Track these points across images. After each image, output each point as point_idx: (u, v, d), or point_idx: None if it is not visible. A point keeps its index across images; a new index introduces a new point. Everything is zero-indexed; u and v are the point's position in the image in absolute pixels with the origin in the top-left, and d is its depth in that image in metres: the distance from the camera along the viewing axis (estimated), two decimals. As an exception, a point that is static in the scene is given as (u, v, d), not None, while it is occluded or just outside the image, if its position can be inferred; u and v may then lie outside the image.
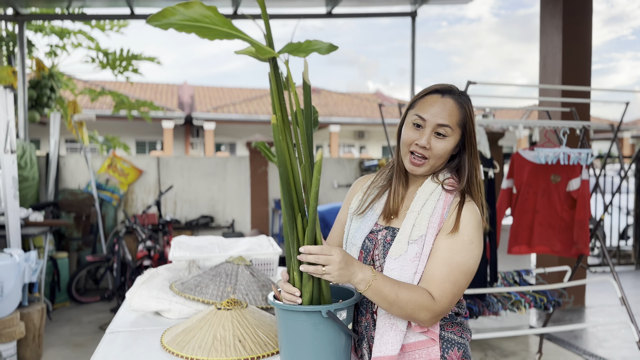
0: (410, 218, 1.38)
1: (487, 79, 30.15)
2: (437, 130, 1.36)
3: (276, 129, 1.12)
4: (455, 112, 1.38)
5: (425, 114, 1.37)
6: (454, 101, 1.38)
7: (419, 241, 1.35)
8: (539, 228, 3.36)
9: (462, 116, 1.39)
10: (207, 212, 6.61)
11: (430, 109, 1.37)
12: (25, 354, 3.79)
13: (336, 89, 21.36)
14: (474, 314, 3.06)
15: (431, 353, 1.37)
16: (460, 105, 1.39)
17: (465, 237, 1.33)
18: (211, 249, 2.58)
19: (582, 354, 4.13)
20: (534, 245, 3.35)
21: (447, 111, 1.37)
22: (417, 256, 1.34)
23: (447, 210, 1.37)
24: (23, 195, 5.58)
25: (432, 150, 1.37)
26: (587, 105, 5.09)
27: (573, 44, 5.22)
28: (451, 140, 1.38)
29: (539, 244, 3.40)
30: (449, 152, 1.39)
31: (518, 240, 3.41)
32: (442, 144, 1.37)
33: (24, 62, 6.14)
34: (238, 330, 1.68)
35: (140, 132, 18.33)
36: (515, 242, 3.40)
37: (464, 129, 1.40)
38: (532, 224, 3.38)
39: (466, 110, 1.39)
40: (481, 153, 2.96)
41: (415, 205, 1.40)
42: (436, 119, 1.36)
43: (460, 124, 1.39)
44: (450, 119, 1.36)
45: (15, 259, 3.56)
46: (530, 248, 3.35)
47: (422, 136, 1.37)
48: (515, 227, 3.39)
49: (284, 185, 1.19)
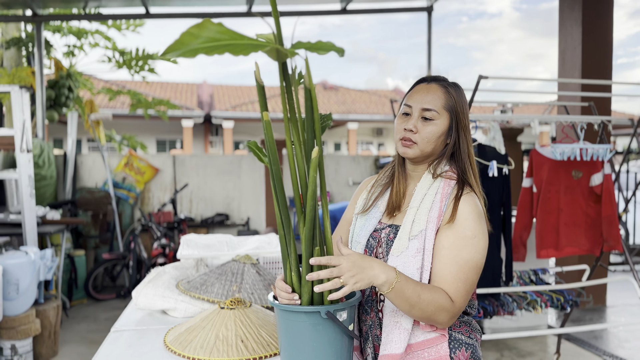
0: (410, 214, 1.38)
1: (508, 75, 29.46)
2: (423, 114, 1.39)
3: (268, 127, 1.08)
4: (440, 96, 1.40)
5: (411, 101, 1.42)
6: (439, 86, 1.42)
7: (419, 236, 1.35)
8: (564, 229, 3.23)
9: (448, 100, 1.40)
10: (222, 210, 6.62)
11: (416, 96, 1.42)
12: (41, 350, 3.84)
13: (355, 86, 21.26)
14: (489, 313, 2.99)
15: (440, 350, 1.35)
16: (445, 90, 1.41)
17: (467, 231, 1.32)
18: (220, 247, 2.57)
19: (602, 354, 4.03)
20: (562, 248, 3.22)
21: (431, 95, 1.40)
22: (419, 251, 1.33)
23: (446, 203, 1.37)
24: (41, 193, 5.66)
25: (419, 133, 1.39)
26: (608, 99, 4.96)
27: (593, 37, 5.09)
28: (439, 123, 1.39)
29: (566, 245, 3.26)
30: (438, 136, 1.40)
31: (544, 243, 3.26)
32: (429, 128, 1.39)
33: (41, 63, 6.22)
34: (241, 330, 1.66)
35: (160, 131, 18.52)
36: (542, 246, 3.25)
37: (452, 114, 1.40)
38: (558, 224, 3.25)
39: (453, 96, 1.40)
40: (495, 149, 2.89)
41: (414, 201, 1.40)
42: (421, 104, 1.39)
43: (446, 108, 1.40)
44: (434, 102, 1.39)
45: (30, 257, 3.60)
46: (558, 251, 3.22)
47: (410, 121, 1.40)
48: (540, 230, 3.26)
49: (278, 184, 1.16)
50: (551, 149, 3.11)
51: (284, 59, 1.02)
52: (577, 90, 5.03)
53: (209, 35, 0.92)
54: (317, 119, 1.10)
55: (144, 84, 17.36)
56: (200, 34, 0.92)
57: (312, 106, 1.08)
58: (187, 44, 0.92)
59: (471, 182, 1.40)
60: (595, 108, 3.52)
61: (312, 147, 1.13)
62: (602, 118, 3.15)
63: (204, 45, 0.92)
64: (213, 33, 0.93)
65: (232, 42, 0.92)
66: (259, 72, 1.02)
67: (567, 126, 3.58)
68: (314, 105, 1.09)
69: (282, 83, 1.07)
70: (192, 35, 0.92)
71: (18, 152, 3.97)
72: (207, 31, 0.92)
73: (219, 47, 0.92)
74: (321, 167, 1.16)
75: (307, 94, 1.08)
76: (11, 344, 3.51)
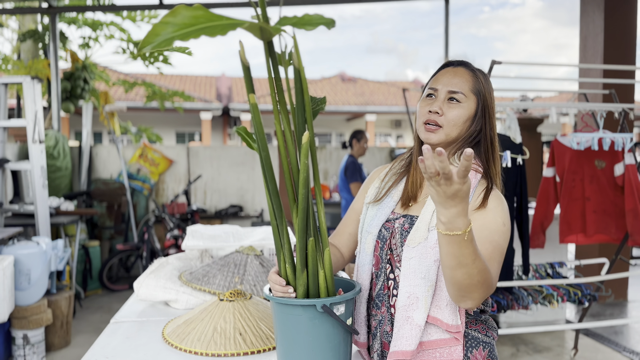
0: (431, 204, 1.29)
1: (530, 66, 28.71)
2: (449, 96, 1.32)
3: (255, 110, 1.02)
4: (468, 79, 1.33)
5: (437, 83, 1.35)
6: (466, 69, 1.35)
7: None
8: (593, 216, 3.19)
9: (476, 84, 1.33)
10: (236, 202, 6.61)
11: (442, 79, 1.35)
12: (53, 340, 3.86)
13: (374, 78, 21.11)
14: (502, 307, 2.91)
15: (453, 353, 1.27)
16: (473, 74, 1.34)
17: (498, 218, 1.25)
18: (226, 238, 2.52)
19: (621, 350, 3.91)
20: (591, 235, 3.19)
21: (459, 78, 1.33)
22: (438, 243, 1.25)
23: (472, 195, 1.28)
24: (56, 185, 5.70)
25: (445, 115, 1.31)
26: (631, 87, 4.79)
27: (616, 23, 4.92)
28: (465, 107, 1.32)
29: (596, 232, 3.24)
30: (464, 120, 1.32)
31: (572, 229, 3.24)
32: (455, 111, 1.31)
33: (56, 54, 6.25)
34: (239, 322, 1.61)
35: (179, 124, 18.61)
36: (569, 231, 3.23)
37: (479, 98, 1.33)
38: (584, 211, 3.22)
39: (480, 80, 1.34)
40: (510, 138, 2.79)
41: None
42: (448, 86, 1.32)
43: (474, 92, 1.33)
44: (462, 85, 1.32)
45: (42, 247, 3.61)
46: (588, 237, 3.20)
47: (435, 103, 1.33)
48: (565, 216, 3.23)
49: (268, 171, 1.10)
50: (570, 138, 3.00)
51: (269, 37, 0.96)
52: (598, 77, 4.87)
53: (183, 21, 0.87)
54: (308, 101, 1.04)
55: (163, 76, 17.44)
56: (174, 22, 0.87)
57: (302, 88, 1.02)
58: (161, 33, 0.86)
59: (493, 172, 1.33)
60: (617, 96, 3.39)
61: (303, 132, 1.07)
62: (623, 106, 3.03)
63: (178, 32, 0.86)
64: (187, 18, 0.87)
65: (208, 25, 0.87)
66: (244, 51, 0.96)
67: (587, 115, 3.45)
68: (304, 87, 1.02)
69: (269, 64, 1.01)
70: (166, 24, 0.86)
71: (30, 142, 3.98)
72: (181, 17, 0.87)
73: (195, 32, 0.86)
74: (313, 152, 1.10)
75: (297, 75, 1.01)
76: (23, 333, 3.53)
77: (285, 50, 1.04)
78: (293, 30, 0.95)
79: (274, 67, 1.00)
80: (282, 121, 1.08)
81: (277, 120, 1.08)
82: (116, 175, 6.35)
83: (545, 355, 3.82)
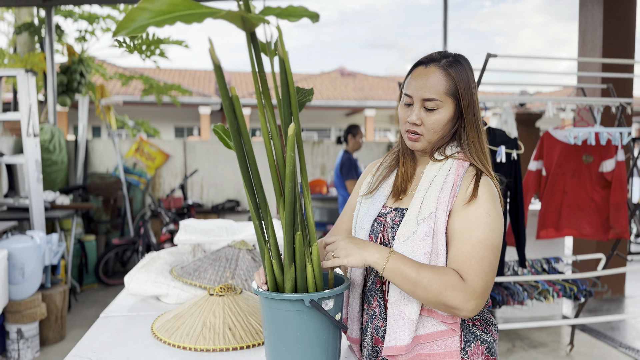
0: (418, 197, 1.30)
1: (531, 60, 28.47)
2: (424, 105, 1.30)
3: (237, 102, 1.00)
4: (440, 81, 1.28)
5: (410, 89, 1.32)
6: (438, 69, 1.29)
7: (428, 219, 1.26)
8: (567, 210, 3.18)
9: (449, 84, 1.29)
10: (233, 196, 6.59)
11: (414, 83, 1.31)
12: (48, 334, 3.85)
13: (374, 73, 21.04)
14: (497, 303, 2.90)
15: (451, 344, 1.27)
16: (445, 72, 1.29)
17: (481, 210, 1.23)
18: (219, 232, 2.51)
19: (617, 346, 3.90)
20: (562, 228, 3.17)
21: (430, 82, 1.28)
22: (428, 235, 1.25)
23: (459, 184, 1.28)
24: (52, 179, 5.67)
25: (424, 125, 1.31)
26: (630, 82, 4.76)
27: (615, 18, 4.89)
28: (443, 112, 1.29)
29: (566, 226, 3.23)
30: (444, 124, 1.31)
31: (545, 223, 3.24)
32: (433, 117, 1.30)
33: (52, 48, 6.21)
34: (229, 317, 1.60)
35: (178, 118, 18.56)
36: (542, 226, 3.22)
37: (456, 98, 1.29)
38: (561, 206, 3.22)
39: (453, 77, 1.29)
40: (505, 132, 2.77)
41: (423, 183, 1.32)
42: (420, 93, 1.29)
43: (449, 93, 1.29)
44: (435, 90, 1.28)
45: (36, 241, 3.59)
46: (558, 231, 3.17)
47: (412, 112, 1.31)
48: (544, 211, 3.22)
49: (252, 165, 1.08)
50: (566, 132, 2.98)
51: (252, 28, 0.93)
52: (597, 71, 4.84)
53: (160, 8, 0.84)
54: (293, 92, 1.01)
55: (161, 71, 17.37)
56: (151, 8, 0.84)
57: (287, 79, 1.00)
58: (137, 19, 0.84)
59: (482, 163, 1.32)
60: (614, 90, 3.36)
61: (289, 124, 1.05)
62: (620, 100, 3.00)
63: (154, 19, 0.84)
64: (165, 5, 0.85)
65: (185, 12, 0.84)
66: (214, 50, 0.94)
67: (584, 109, 3.43)
68: (289, 77, 1.00)
69: (252, 54, 0.98)
70: (143, 9, 0.84)
71: (25, 136, 3.95)
72: (159, 4, 0.85)
73: (171, 19, 0.84)
74: (299, 144, 1.08)
75: (282, 65, 0.99)
76: (17, 327, 3.52)
77: (271, 40, 1.02)
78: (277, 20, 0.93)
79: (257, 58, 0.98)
80: (266, 114, 1.06)
81: (262, 113, 1.06)
82: (112, 170, 6.32)
83: (541, 350, 3.82)
